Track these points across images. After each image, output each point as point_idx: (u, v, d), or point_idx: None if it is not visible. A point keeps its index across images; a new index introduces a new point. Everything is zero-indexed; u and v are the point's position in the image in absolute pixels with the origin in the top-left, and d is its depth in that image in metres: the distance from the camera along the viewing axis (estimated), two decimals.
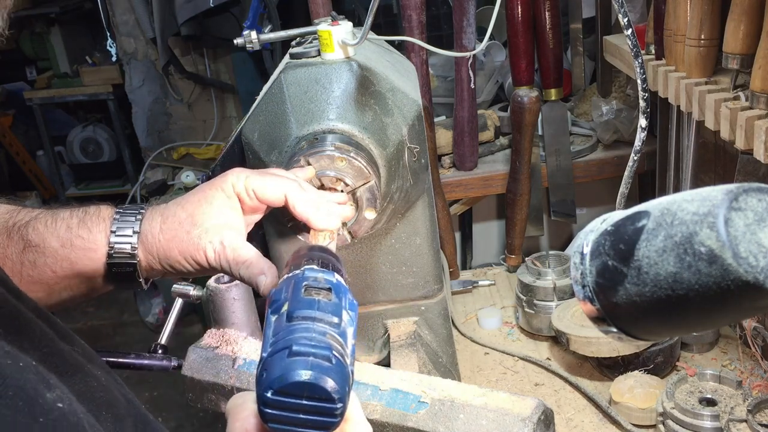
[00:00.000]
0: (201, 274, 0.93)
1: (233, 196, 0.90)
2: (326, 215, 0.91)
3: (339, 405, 0.60)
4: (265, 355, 0.62)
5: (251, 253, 0.87)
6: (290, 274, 0.69)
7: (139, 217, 0.88)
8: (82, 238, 0.87)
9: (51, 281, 0.87)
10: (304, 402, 0.59)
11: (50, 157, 5.15)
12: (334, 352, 0.61)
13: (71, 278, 0.88)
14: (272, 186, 0.91)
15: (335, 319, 0.64)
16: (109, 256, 0.87)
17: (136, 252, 0.87)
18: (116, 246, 0.87)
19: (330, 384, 0.59)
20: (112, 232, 0.87)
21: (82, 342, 0.73)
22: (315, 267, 0.70)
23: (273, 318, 0.65)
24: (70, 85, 4.88)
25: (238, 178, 0.91)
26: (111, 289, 0.93)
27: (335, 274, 0.70)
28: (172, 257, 0.88)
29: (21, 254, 0.85)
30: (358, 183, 1.06)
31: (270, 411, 0.59)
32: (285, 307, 0.65)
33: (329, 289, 0.67)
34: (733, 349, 1.46)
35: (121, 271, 0.88)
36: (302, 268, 0.70)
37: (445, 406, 0.96)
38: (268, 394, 0.59)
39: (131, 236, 0.87)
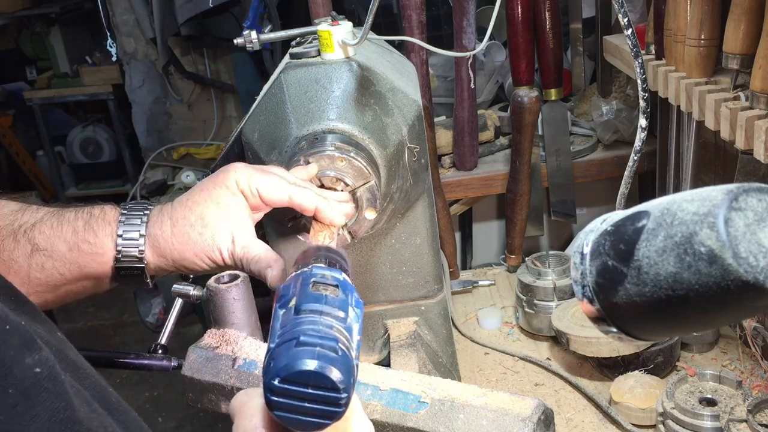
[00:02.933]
0: (214, 271, 0.96)
1: (238, 193, 0.92)
2: (335, 208, 0.95)
3: (343, 395, 0.61)
4: (272, 345, 0.63)
5: (260, 248, 0.91)
6: (298, 271, 0.71)
7: (144, 219, 0.89)
8: (89, 243, 0.87)
9: (58, 283, 0.88)
10: (310, 390, 0.60)
11: (50, 157, 5.13)
12: (340, 344, 0.62)
13: (78, 280, 0.89)
14: (276, 187, 0.92)
15: (341, 314, 0.66)
16: (117, 260, 0.88)
17: (143, 255, 0.89)
18: (123, 250, 0.88)
19: (335, 374, 0.60)
20: (119, 235, 0.88)
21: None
22: (323, 264, 0.73)
23: (281, 312, 0.66)
24: (70, 85, 4.88)
25: (241, 175, 0.92)
26: (116, 286, 0.94)
27: (342, 272, 0.72)
28: (187, 258, 0.91)
29: (29, 258, 0.86)
30: (358, 183, 1.05)
31: (276, 399, 0.60)
32: (293, 302, 0.66)
33: (336, 286, 0.69)
34: (733, 349, 1.46)
35: (128, 273, 0.90)
36: (310, 266, 0.72)
37: (445, 406, 0.96)
38: (275, 382, 0.60)
39: (138, 239, 0.88)
